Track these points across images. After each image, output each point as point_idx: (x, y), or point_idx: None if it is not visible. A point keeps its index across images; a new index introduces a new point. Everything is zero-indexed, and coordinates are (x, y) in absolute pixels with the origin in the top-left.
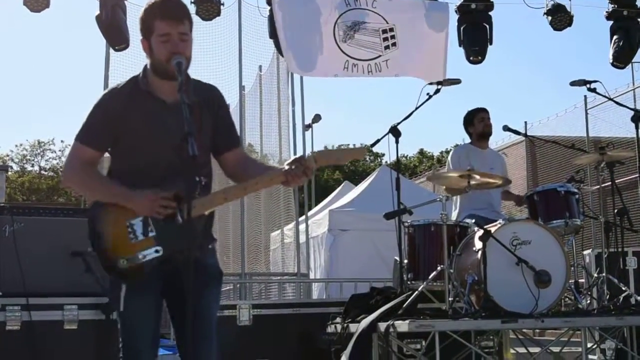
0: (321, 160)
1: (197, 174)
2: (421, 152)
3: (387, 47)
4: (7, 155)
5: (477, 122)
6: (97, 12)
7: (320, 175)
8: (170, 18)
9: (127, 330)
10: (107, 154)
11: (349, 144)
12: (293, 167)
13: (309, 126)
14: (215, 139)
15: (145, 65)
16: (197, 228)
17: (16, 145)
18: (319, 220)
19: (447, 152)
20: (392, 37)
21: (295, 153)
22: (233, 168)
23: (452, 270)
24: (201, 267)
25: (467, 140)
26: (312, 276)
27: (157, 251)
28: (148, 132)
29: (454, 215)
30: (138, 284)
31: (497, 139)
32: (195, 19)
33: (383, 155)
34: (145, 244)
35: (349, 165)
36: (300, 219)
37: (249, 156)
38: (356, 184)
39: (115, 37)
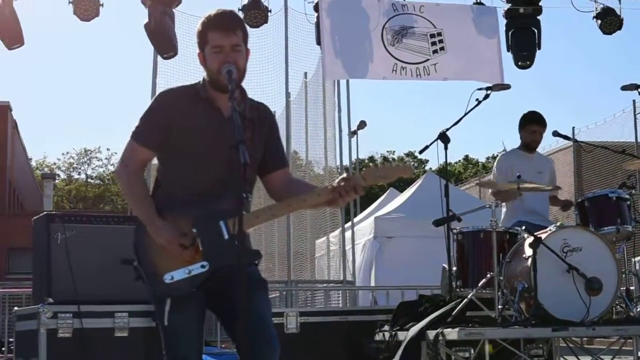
0: (369, 178)
1: (245, 189)
2: (466, 159)
3: (435, 52)
4: (55, 164)
5: (526, 133)
6: (146, 20)
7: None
8: (223, 29)
9: (170, 344)
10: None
11: (394, 151)
12: (342, 184)
13: (355, 132)
14: (265, 158)
15: (204, 78)
16: (245, 243)
17: (63, 154)
18: (364, 227)
19: (493, 157)
20: (440, 41)
21: (341, 160)
22: (278, 188)
23: (501, 278)
24: (245, 275)
25: (514, 145)
26: (358, 284)
27: (203, 266)
28: (203, 140)
29: (503, 222)
30: (182, 298)
31: (545, 145)
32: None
33: (427, 161)
34: (191, 258)
35: None
36: (346, 226)
37: (294, 177)
38: (401, 191)
39: (164, 45)
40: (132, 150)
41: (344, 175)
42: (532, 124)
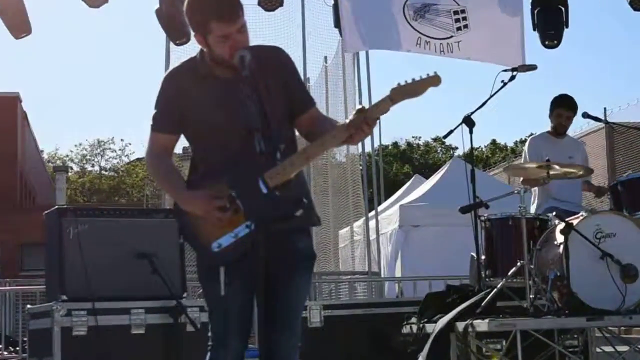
0: (397, 96)
1: (279, 142)
2: (494, 143)
3: (458, 29)
4: (67, 156)
5: (554, 116)
6: (157, 6)
7: (388, 168)
8: (228, 20)
9: (219, 317)
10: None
11: (420, 136)
12: (353, 118)
13: (377, 118)
14: (288, 102)
15: (202, 50)
16: (288, 194)
17: (75, 145)
18: (389, 216)
19: (522, 142)
20: (464, 18)
21: (363, 146)
22: (309, 128)
23: (532, 266)
24: (291, 249)
25: (545, 129)
26: (383, 275)
27: (247, 227)
28: (219, 114)
29: (532, 209)
30: (234, 268)
31: (575, 127)
32: (258, 9)
33: (456, 148)
34: (235, 221)
35: (418, 158)
36: (370, 215)
37: (322, 115)
38: (427, 178)
39: (176, 31)
40: (152, 139)
41: (358, 106)
42: (560, 108)
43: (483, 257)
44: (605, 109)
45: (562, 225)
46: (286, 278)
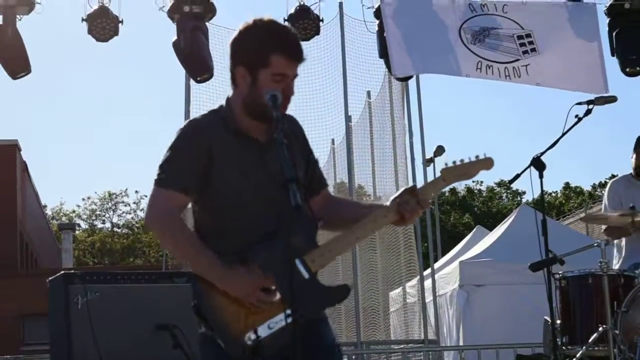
0: (450, 177)
1: (312, 229)
2: (567, 187)
3: (525, 52)
4: (74, 212)
5: (637, 157)
6: (175, 37)
7: (446, 219)
8: (294, 58)
9: None
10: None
11: (482, 181)
12: (404, 199)
13: (431, 160)
14: (306, 179)
15: (228, 99)
16: (321, 284)
17: (83, 199)
18: (447, 274)
19: (601, 185)
20: (530, 42)
21: None
22: (321, 212)
23: (617, 331)
24: (315, 340)
25: (627, 171)
26: (442, 343)
27: (288, 316)
28: (244, 179)
29: (616, 264)
30: None
31: None
32: None
33: (524, 193)
34: (273, 310)
35: (480, 206)
36: (425, 273)
37: (336, 196)
38: (490, 229)
39: (197, 66)
40: (164, 197)
41: (407, 187)
42: None
43: (558, 321)
44: None
45: None
46: None
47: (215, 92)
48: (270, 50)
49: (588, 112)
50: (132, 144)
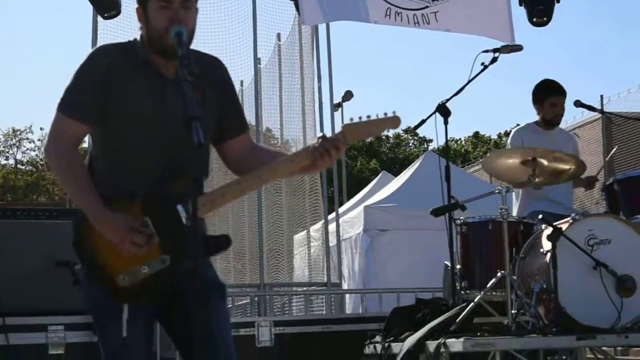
0: (351, 135)
1: (201, 171)
2: (475, 136)
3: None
4: None
5: (546, 106)
6: None
7: (352, 164)
8: None
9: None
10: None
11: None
12: (318, 145)
13: (339, 105)
14: (220, 122)
15: (141, 36)
16: (203, 231)
17: None
18: (352, 218)
19: (507, 134)
20: None
21: None
22: (239, 158)
23: (515, 277)
24: (199, 281)
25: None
26: (345, 286)
27: (163, 261)
28: (145, 110)
29: (515, 211)
30: (138, 305)
31: (568, 118)
32: None
33: (430, 141)
34: (149, 254)
35: (386, 152)
36: (330, 217)
37: (257, 144)
38: (396, 175)
39: (104, 2)
40: (62, 125)
41: (322, 134)
42: (552, 96)
43: (458, 266)
44: (602, 96)
45: (549, 230)
46: (204, 310)
47: (122, 30)
48: None
49: (494, 60)
50: (38, 80)
